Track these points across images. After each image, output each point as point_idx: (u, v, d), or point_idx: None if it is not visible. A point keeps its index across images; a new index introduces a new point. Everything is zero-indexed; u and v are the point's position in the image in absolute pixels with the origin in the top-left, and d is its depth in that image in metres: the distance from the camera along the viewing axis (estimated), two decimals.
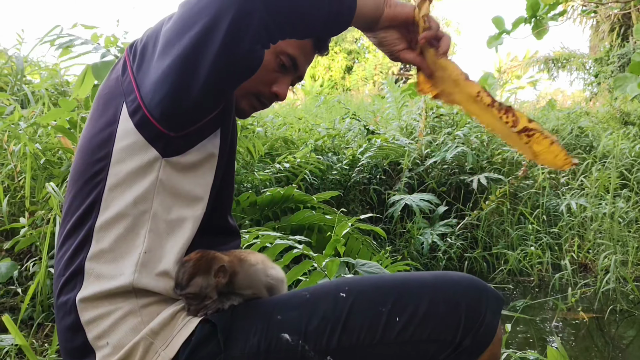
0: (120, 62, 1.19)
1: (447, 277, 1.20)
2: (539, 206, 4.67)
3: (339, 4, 1.02)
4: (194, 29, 0.98)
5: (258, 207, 3.38)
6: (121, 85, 1.15)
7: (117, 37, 3.57)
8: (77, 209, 1.15)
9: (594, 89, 12.68)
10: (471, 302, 1.14)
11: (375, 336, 1.11)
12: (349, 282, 1.19)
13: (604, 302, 3.64)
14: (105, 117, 1.16)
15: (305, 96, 12.42)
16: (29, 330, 2.27)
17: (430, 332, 1.12)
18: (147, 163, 1.12)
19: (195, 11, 0.98)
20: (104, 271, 1.11)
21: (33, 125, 3.34)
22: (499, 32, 5.61)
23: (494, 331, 1.16)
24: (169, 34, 1.03)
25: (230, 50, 0.98)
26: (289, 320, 1.12)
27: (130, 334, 1.09)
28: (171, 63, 1.00)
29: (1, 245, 2.70)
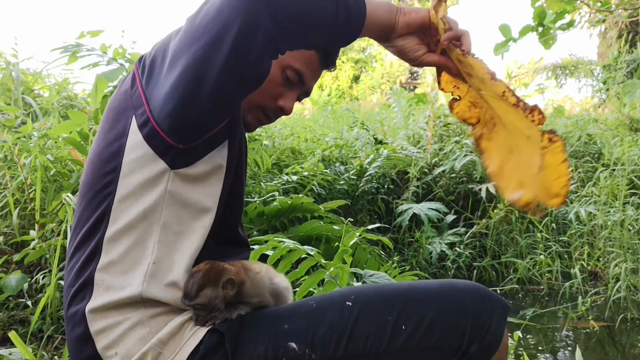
0: (129, 75, 1.21)
1: (453, 285, 1.21)
2: (548, 214, 4.65)
3: (346, 12, 1.03)
4: (200, 42, 0.99)
5: (266, 217, 3.39)
6: (130, 98, 1.16)
7: (124, 48, 3.60)
8: (87, 221, 1.16)
9: (602, 95, 12.64)
10: (477, 309, 1.15)
11: (381, 344, 1.12)
12: (355, 291, 1.20)
13: (614, 311, 3.61)
14: (114, 130, 1.17)
15: (312, 106, 12.46)
16: (38, 343, 2.28)
17: (437, 340, 1.13)
18: (155, 175, 1.13)
19: (201, 24, 0.99)
20: (114, 282, 1.12)
21: (43, 138, 3.37)
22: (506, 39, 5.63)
23: (500, 339, 1.16)
24: (176, 47, 1.04)
25: (237, 62, 0.99)
26: (296, 330, 1.13)
27: (138, 344, 1.10)
28: (178, 76, 1.01)
29: (11, 257, 2.72)
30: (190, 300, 1.11)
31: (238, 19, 0.96)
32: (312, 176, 4.16)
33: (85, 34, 3.49)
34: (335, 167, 4.79)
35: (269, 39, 0.98)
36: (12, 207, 2.88)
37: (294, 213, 3.42)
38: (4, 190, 3.05)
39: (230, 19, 0.96)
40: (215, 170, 1.19)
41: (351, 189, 4.67)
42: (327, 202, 3.57)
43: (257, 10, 0.96)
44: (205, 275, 1.12)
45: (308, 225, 3.21)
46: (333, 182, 4.50)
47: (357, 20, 1.06)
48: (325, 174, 4.32)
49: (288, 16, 0.99)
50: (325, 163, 4.77)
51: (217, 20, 0.97)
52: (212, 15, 0.98)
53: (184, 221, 1.16)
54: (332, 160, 4.98)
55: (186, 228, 1.16)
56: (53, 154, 3.26)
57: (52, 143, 3.45)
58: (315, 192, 4.23)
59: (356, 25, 1.06)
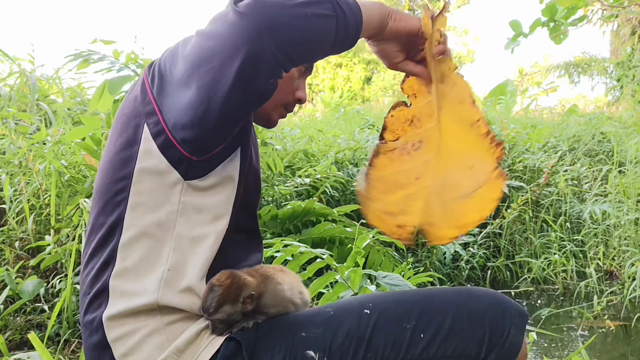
0: (139, 82, 1.22)
1: (471, 293, 1.20)
2: (562, 213, 4.62)
3: (345, 30, 1.05)
4: (209, 65, 1.01)
5: (279, 221, 3.40)
6: (141, 105, 1.17)
7: (137, 54, 3.63)
8: (101, 228, 1.17)
9: (616, 93, 12.54)
10: (495, 317, 1.14)
11: (400, 353, 1.12)
12: (373, 299, 1.19)
13: (631, 310, 3.58)
14: (125, 137, 1.18)
15: (325, 107, 12.46)
16: (55, 347, 2.31)
17: (455, 348, 1.12)
18: (169, 185, 1.14)
19: (209, 46, 1.02)
20: (129, 288, 1.12)
21: (58, 144, 3.40)
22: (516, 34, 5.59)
23: (519, 346, 1.15)
24: (187, 64, 1.06)
25: (243, 87, 1.02)
26: (314, 337, 1.13)
27: (156, 351, 1.10)
28: (192, 96, 1.04)
29: (28, 263, 2.75)
30: (209, 315, 1.11)
31: (243, 48, 0.98)
32: (325, 179, 4.17)
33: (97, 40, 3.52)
34: (348, 169, 4.79)
35: (274, 64, 1.01)
36: (27, 213, 2.91)
37: (307, 216, 3.43)
38: (19, 196, 3.09)
39: (236, 46, 0.98)
40: (228, 178, 1.20)
41: None
42: (340, 207, 3.58)
43: (262, 39, 0.98)
44: (226, 291, 1.11)
45: (321, 227, 3.22)
46: (346, 184, 4.50)
47: (355, 34, 1.08)
48: (338, 176, 4.32)
49: (292, 42, 1.01)
50: (338, 165, 4.77)
51: (223, 47, 1.00)
52: (218, 40, 1.01)
53: (198, 227, 1.17)
54: (345, 162, 4.98)
55: (200, 234, 1.17)
56: (67, 160, 3.29)
57: (67, 148, 3.48)
58: (328, 194, 4.24)
59: (354, 39, 1.08)
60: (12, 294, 2.51)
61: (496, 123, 6.11)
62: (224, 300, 1.10)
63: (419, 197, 1.18)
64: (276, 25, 0.99)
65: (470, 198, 1.14)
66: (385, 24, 1.13)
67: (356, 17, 1.06)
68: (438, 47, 1.13)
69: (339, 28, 1.04)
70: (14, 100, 4.75)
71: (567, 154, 5.64)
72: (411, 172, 1.18)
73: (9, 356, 2.01)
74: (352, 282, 2.18)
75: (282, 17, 0.99)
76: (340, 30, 1.04)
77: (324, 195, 4.20)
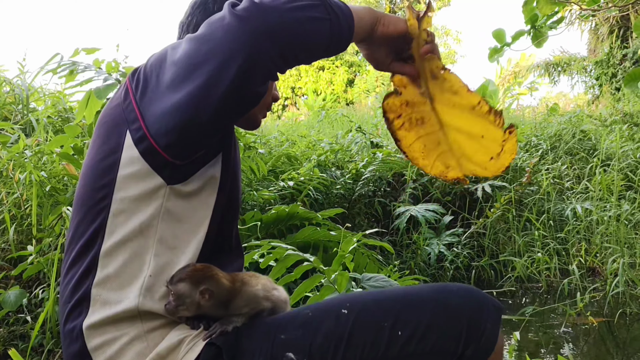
0: (122, 89, 1.21)
1: (447, 289, 1.22)
2: (545, 212, 4.66)
3: (339, 31, 1.07)
4: (203, 69, 1.02)
5: (263, 225, 3.40)
6: (123, 112, 1.17)
7: (118, 62, 3.61)
8: (82, 236, 1.17)
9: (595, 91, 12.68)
10: (472, 312, 1.16)
11: (379, 351, 1.13)
12: (351, 299, 1.20)
13: (613, 306, 3.62)
14: (108, 145, 1.18)
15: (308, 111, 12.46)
16: (39, 357, 2.29)
17: (433, 344, 1.13)
18: (152, 190, 1.15)
19: (204, 51, 1.02)
20: (110, 297, 1.12)
21: (38, 153, 3.37)
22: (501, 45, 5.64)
23: (495, 340, 1.17)
24: (178, 69, 1.06)
25: (238, 92, 1.03)
26: (293, 339, 1.13)
27: (136, 358, 1.10)
28: (182, 98, 1.04)
29: (9, 273, 2.72)
30: (170, 283, 1.12)
31: (241, 51, 0.99)
32: (308, 181, 4.17)
33: (79, 50, 3.49)
34: (332, 171, 4.80)
35: (271, 67, 1.03)
36: (8, 223, 2.88)
37: (291, 221, 3.43)
38: (0, 207, 3.06)
39: (234, 50, 0.99)
40: (209, 182, 1.21)
41: (348, 193, 4.68)
42: (324, 210, 3.58)
43: (260, 43, 1.00)
44: (192, 272, 1.13)
45: (305, 231, 3.22)
46: (330, 186, 4.51)
47: (348, 37, 1.10)
48: (322, 177, 4.33)
49: (289, 46, 1.03)
50: (321, 168, 4.78)
51: (219, 51, 1.01)
52: (215, 43, 1.01)
53: (180, 236, 1.17)
54: (328, 165, 4.99)
55: (182, 242, 1.18)
56: (48, 169, 3.27)
57: (48, 158, 3.46)
58: (312, 197, 4.24)
59: (347, 42, 1.11)
60: None
61: None
62: (186, 278, 1.12)
63: (450, 156, 1.26)
64: (274, 29, 1.01)
65: (505, 153, 1.20)
66: (375, 28, 1.15)
67: (348, 21, 1.08)
68: (425, 47, 1.16)
69: (333, 31, 1.06)
70: None
71: (549, 152, 5.70)
72: (430, 138, 1.25)
73: None
74: (338, 284, 2.19)
75: (279, 21, 1.01)
76: (334, 33, 1.06)
77: (308, 198, 4.20)
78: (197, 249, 1.19)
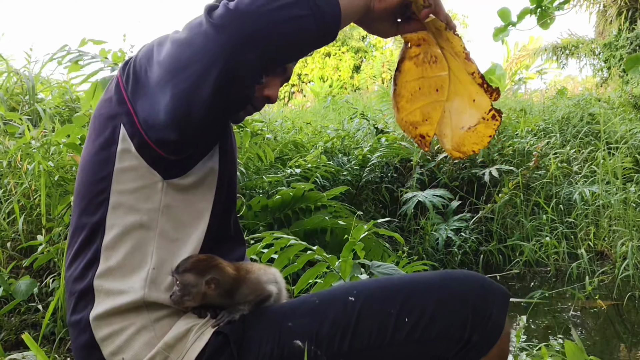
0: (114, 82, 1.21)
1: (453, 276, 1.22)
2: (553, 196, 4.64)
3: (323, 23, 1.05)
4: (186, 73, 1.01)
5: (270, 211, 3.40)
6: (116, 105, 1.17)
7: (124, 52, 3.61)
8: (83, 229, 1.18)
9: (604, 74, 12.57)
10: (478, 299, 1.16)
11: (385, 338, 1.13)
12: (357, 286, 1.21)
13: (622, 289, 3.61)
14: (102, 138, 1.18)
15: (314, 97, 12.44)
16: (51, 346, 2.31)
17: (439, 331, 1.14)
18: (149, 185, 1.15)
19: (186, 55, 1.02)
20: (114, 288, 1.13)
21: (46, 144, 3.39)
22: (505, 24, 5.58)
23: (502, 327, 1.17)
24: (163, 71, 1.06)
25: (223, 94, 1.03)
26: (300, 327, 1.14)
27: (145, 348, 1.12)
28: (169, 100, 1.04)
29: (20, 263, 2.74)
30: (176, 272, 1.13)
31: (220, 61, 0.99)
32: (315, 168, 4.17)
33: (87, 40, 3.50)
34: (338, 158, 4.80)
35: (254, 71, 1.02)
36: (18, 214, 2.90)
37: (298, 204, 3.43)
38: (9, 197, 3.08)
39: (212, 59, 0.99)
40: (208, 175, 1.22)
41: (355, 180, 4.68)
42: (329, 190, 3.58)
43: (238, 52, 0.99)
44: (196, 262, 1.14)
45: (314, 219, 3.23)
46: (336, 173, 4.51)
47: (335, 26, 1.08)
48: (329, 165, 4.33)
49: (272, 48, 1.02)
50: (328, 155, 4.78)
51: (200, 58, 1.00)
52: (195, 50, 1.01)
53: (181, 229, 1.18)
54: (335, 151, 4.99)
55: (183, 235, 1.19)
56: (56, 159, 3.28)
57: (56, 148, 3.47)
58: (319, 184, 4.24)
59: (334, 31, 1.08)
60: (6, 294, 2.51)
61: None
62: (191, 268, 1.13)
63: (437, 108, 1.28)
64: (252, 35, 0.99)
65: (470, 131, 1.24)
66: (370, 6, 1.14)
67: (333, 8, 1.06)
68: (423, 12, 1.16)
69: (318, 24, 1.04)
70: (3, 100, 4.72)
71: (557, 136, 5.67)
72: (432, 82, 1.26)
73: (4, 356, 2.01)
74: (343, 272, 2.19)
75: (257, 26, 0.99)
76: (319, 26, 1.04)
77: (315, 184, 4.20)
78: (199, 240, 1.20)
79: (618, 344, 2.93)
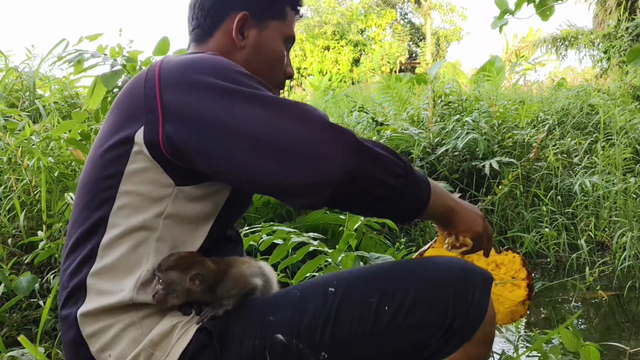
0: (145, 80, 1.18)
1: (433, 262, 1.22)
2: (553, 187, 4.64)
3: (406, 212, 1.17)
4: (268, 159, 1.05)
5: (271, 206, 3.41)
6: (143, 108, 1.14)
7: (122, 47, 3.61)
8: (84, 223, 1.17)
9: (603, 65, 12.54)
10: (458, 283, 1.16)
11: (366, 327, 1.13)
12: (337, 277, 1.21)
13: (623, 280, 3.62)
14: (121, 134, 1.16)
15: (314, 91, 12.43)
16: (52, 341, 2.32)
17: (420, 318, 1.13)
18: (159, 189, 1.14)
19: (281, 141, 1.05)
20: (106, 287, 1.13)
21: (45, 139, 3.39)
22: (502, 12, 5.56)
23: (484, 311, 1.17)
24: (241, 135, 1.08)
25: (278, 194, 1.11)
26: (281, 321, 1.14)
27: (131, 345, 1.11)
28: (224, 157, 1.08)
29: (21, 259, 2.75)
30: (159, 271, 1.12)
31: (315, 175, 1.03)
32: None
33: (83, 38, 3.49)
34: None
35: (320, 201, 1.07)
36: (18, 210, 2.91)
37: None
38: (10, 193, 3.08)
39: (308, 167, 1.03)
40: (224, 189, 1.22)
41: None
42: None
43: (333, 185, 1.03)
44: (179, 259, 1.13)
45: (315, 214, 3.23)
46: None
47: (417, 212, 1.18)
48: None
49: (352, 201, 1.11)
50: None
51: (295, 154, 1.04)
52: (298, 145, 1.05)
53: (183, 235, 1.18)
54: None
55: (184, 241, 1.18)
56: (56, 155, 3.28)
57: (56, 144, 3.47)
58: None
59: (414, 215, 1.19)
60: (7, 291, 2.52)
61: (485, 100, 6.11)
62: (174, 266, 1.12)
63: None
64: (356, 180, 1.05)
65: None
66: (449, 219, 1.24)
67: (422, 198, 1.16)
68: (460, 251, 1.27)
69: (400, 207, 1.14)
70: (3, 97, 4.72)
71: (556, 127, 5.66)
72: None
73: (6, 352, 2.02)
74: (344, 265, 2.19)
75: (364, 179, 1.06)
76: (401, 209, 1.15)
77: None
78: (198, 245, 1.20)
79: (619, 334, 2.93)
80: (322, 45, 21.00)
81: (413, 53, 24.30)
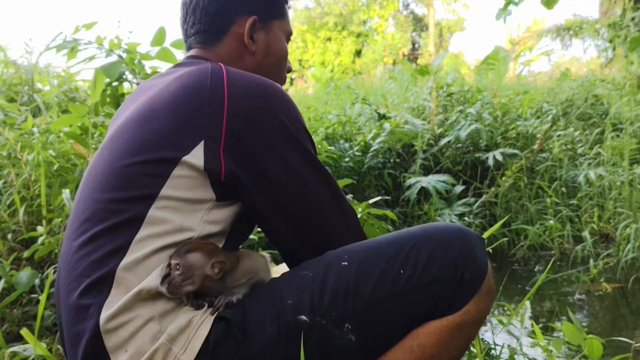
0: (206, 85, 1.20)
1: (433, 225, 1.32)
2: (557, 178, 4.61)
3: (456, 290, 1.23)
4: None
5: None
6: (206, 121, 1.17)
7: (120, 39, 3.57)
8: (116, 214, 1.15)
9: (608, 55, 12.47)
10: (461, 241, 1.25)
11: (385, 292, 1.19)
12: (347, 251, 1.24)
13: (627, 272, 3.59)
14: (174, 138, 1.17)
15: (316, 83, 12.40)
16: (53, 337, 2.31)
17: (434, 275, 1.21)
18: (200, 199, 1.17)
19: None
20: (134, 281, 1.11)
21: (45, 133, 3.37)
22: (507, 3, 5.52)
23: (487, 263, 1.28)
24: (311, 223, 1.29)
25: None
26: (301, 302, 1.15)
27: (149, 341, 1.09)
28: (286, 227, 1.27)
29: (21, 254, 2.74)
30: (177, 256, 1.12)
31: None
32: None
33: (80, 27, 3.46)
34: (340, 144, 4.77)
35: None
36: (18, 205, 2.89)
37: None
38: (10, 188, 3.07)
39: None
40: None
41: (357, 166, 4.65)
42: None
43: None
44: (201, 244, 1.15)
45: None
46: (338, 159, 4.48)
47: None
48: (330, 151, 4.30)
49: None
50: (329, 141, 4.75)
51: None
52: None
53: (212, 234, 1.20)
54: (336, 137, 4.96)
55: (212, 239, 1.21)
56: (56, 149, 3.27)
57: (55, 138, 3.45)
58: None
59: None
60: (8, 286, 2.51)
61: (489, 90, 6.08)
62: (198, 248, 1.13)
63: None
64: None
65: None
66: None
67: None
68: None
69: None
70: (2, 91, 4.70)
71: (561, 118, 5.62)
72: None
73: (7, 348, 2.01)
74: None
75: None
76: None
77: None
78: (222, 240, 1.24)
79: (624, 326, 2.91)
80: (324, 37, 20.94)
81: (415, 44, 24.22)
